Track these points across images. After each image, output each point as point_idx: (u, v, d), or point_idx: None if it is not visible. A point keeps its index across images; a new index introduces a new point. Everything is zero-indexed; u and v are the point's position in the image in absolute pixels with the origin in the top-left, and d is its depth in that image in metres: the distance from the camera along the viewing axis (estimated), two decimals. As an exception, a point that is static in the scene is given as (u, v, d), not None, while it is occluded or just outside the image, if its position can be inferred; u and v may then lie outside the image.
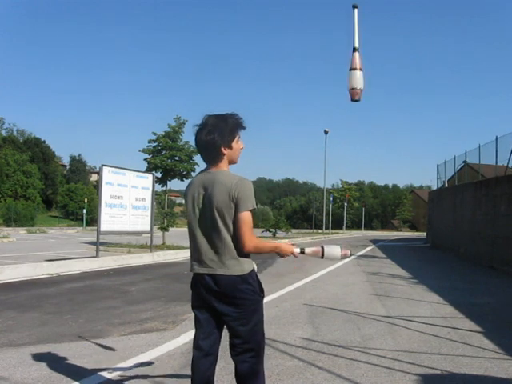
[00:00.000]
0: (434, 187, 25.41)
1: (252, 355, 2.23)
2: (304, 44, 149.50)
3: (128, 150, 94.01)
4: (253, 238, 2.15)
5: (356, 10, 2.45)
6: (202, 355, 2.27)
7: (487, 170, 15.23)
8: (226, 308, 2.18)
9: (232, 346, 2.25)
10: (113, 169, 11.71)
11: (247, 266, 2.21)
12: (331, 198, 39.75)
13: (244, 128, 2.29)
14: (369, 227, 62.93)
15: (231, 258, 2.17)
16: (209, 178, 2.21)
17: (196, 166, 16.55)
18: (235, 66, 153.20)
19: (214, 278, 2.18)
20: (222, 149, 2.21)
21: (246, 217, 2.13)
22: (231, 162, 2.28)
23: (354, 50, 2.38)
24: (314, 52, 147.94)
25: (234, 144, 2.25)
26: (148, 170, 15.34)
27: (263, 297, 2.29)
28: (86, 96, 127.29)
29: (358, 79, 2.39)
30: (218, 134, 2.18)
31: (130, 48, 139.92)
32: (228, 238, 2.17)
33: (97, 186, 20.40)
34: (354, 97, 2.43)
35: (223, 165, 2.24)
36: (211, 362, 2.29)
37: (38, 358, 3.72)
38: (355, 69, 2.37)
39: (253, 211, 2.18)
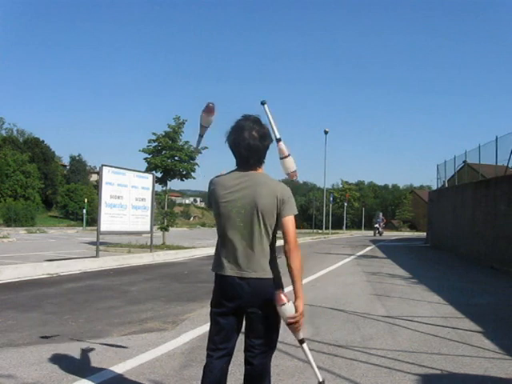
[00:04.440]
0: (434, 187, 25.41)
1: (267, 357, 2.26)
2: (304, 44, 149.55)
3: (128, 150, 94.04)
4: (296, 237, 2.19)
5: (266, 106, 2.49)
6: (219, 356, 2.25)
7: (487, 169, 15.22)
8: (256, 309, 2.17)
9: (250, 347, 2.23)
10: (113, 169, 11.70)
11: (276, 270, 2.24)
12: (331, 198, 39.66)
13: None
14: (369, 227, 62.81)
15: (267, 260, 2.18)
16: (250, 179, 2.18)
17: (196, 167, 16.57)
18: (235, 66, 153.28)
19: (247, 281, 2.16)
20: (266, 152, 2.27)
21: (292, 220, 2.20)
22: None
23: (278, 140, 2.47)
24: (315, 52, 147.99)
25: None
26: (148, 170, 15.33)
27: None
28: (87, 96, 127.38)
29: (292, 163, 2.51)
30: (267, 138, 2.24)
31: (131, 48, 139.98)
32: (266, 241, 2.18)
33: (97, 186, 20.38)
34: (293, 178, 2.54)
35: (261, 169, 2.27)
36: (226, 362, 2.29)
37: (38, 357, 3.73)
38: (286, 156, 2.48)
39: (296, 216, 2.23)
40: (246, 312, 2.21)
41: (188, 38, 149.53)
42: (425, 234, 26.88)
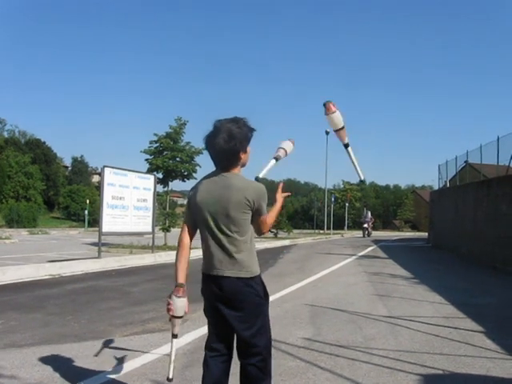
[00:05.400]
0: (436, 187, 25.38)
1: (259, 359, 2.24)
2: (305, 44, 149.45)
3: (130, 152, 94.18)
4: (268, 226, 2.33)
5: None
6: (214, 355, 2.28)
7: (489, 169, 15.19)
8: (230, 312, 2.20)
9: (238, 349, 2.26)
10: (114, 170, 11.73)
11: (255, 268, 2.25)
12: (333, 199, 39.60)
13: (255, 130, 2.33)
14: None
15: (242, 260, 2.20)
16: (223, 181, 2.23)
17: (197, 167, 16.59)
18: (236, 67, 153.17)
19: (220, 281, 2.19)
20: (240, 154, 2.25)
21: (265, 219, 2.28)
22: (243, 165, 2.33)
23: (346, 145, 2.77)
24: (315, 52, 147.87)
25: (247, 148, 2.30)
26: (149, 171, 15.35)
27: (267, 300, 2.30)
28: (88, 97, 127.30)
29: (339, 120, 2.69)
30: (237, 140, 2.20)
31: (132, 49, 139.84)
32: (239, 241, 2.20)
33: (99, 187, 20.40)
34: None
35: (237, 169, 2.28)
36: (223, 361, 2.31)
37: (40, 358, 3.74)
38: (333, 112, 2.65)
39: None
40: (226, 313, 2.21)
41: (189, 38, 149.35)
42: (426, 234, 26.84)
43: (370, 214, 33.28)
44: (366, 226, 31.52)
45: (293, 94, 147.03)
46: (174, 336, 2.36)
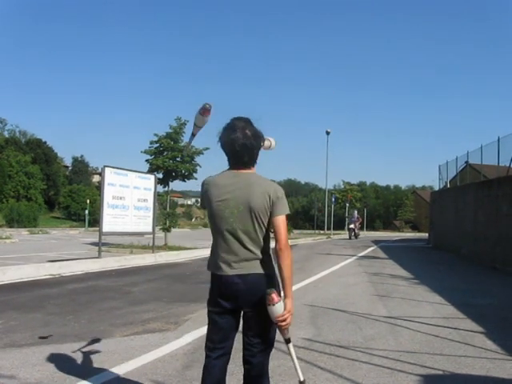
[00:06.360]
0: (436, 188, 25.38)
1: (266, 356, 2.28)
2: (306, 45, 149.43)
3: (130, 152, 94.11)
4: (287, 237, 2.23)
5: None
6: (219, 355, 2.27)
7: (489, 170, 15.19)
8: (252, 308, 2.20)
9: (248, 346, 2.25)
10: (115, 170, 11.73)
11: (273, 265, 2.28)
12: (333, 199, 39.53)
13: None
14: (371, 228, 62.81)
15: (263, 258, 2.23)
16: (243, 180, 2.23)
17: (198, 167, 16.58)
18: (236, 67, 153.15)
19: (244, 278, 2.19)
20: (258, 152, 2.30)
21: (283, 219, 2.24)
22: None
23: None
24: (317, 53, 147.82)
25: None
26: (150, 171, 15.35)
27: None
28: (89, 97, 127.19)
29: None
30: (259, 138, 2.27)
31: (132, 49, 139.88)
32: (260, 239, 2.23)
33: (99, 186, 20.41)
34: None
35: (254, 167, 2.31)
36: (225, 361, 2.31)
37: (40, 358, 3.74)
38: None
39: (287, 216, 2.28)
40: (242, 311, 2.23)
41: (189, 38, 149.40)
42: (427, 234, 26.84)
43: (356, 213, 31.09)
44: (352, 226, 29.00)
45: (293, 94, 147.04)
46: (287, 341, 2.25)
